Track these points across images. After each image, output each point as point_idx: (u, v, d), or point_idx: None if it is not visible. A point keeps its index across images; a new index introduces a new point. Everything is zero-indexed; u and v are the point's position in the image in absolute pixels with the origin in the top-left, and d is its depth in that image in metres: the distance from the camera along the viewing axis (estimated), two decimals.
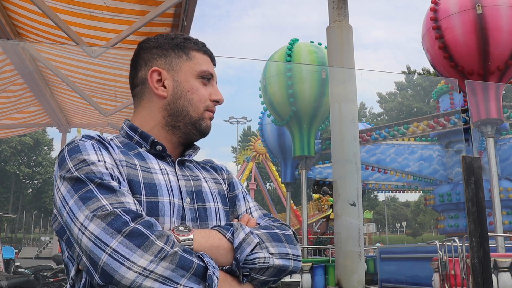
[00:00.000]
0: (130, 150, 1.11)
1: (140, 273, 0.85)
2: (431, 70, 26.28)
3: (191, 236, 0.96)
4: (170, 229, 1.01)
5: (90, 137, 1.07)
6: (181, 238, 0.95)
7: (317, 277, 9.22)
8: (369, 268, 9.96)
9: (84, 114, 6.87)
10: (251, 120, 38.11)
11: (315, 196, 20.81)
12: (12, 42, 4.49)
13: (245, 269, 0.98)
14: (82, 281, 0.99)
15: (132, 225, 0.89)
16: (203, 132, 1.19)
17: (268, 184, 40.97)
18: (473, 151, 9.30)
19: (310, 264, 9.38)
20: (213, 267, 0.92)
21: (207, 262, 0.91)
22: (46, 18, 3.77)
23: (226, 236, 1.00)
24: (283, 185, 20.35)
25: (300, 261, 1.10)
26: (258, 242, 1.00)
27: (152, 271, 0.85)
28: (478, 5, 7.40)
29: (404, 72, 41.32)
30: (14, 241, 42.48)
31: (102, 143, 1.07)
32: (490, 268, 2.86)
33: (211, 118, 1.19)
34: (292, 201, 19.85)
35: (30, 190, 51.30)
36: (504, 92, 8.23)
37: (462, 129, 10.87)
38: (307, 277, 9.14)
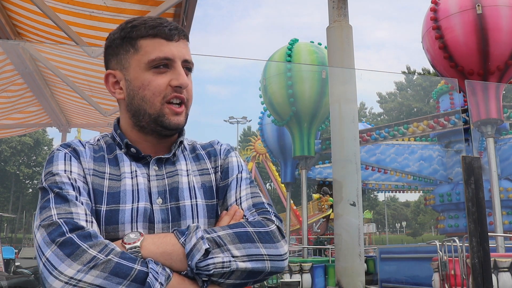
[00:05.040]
0: (110, 153, 1.12)
1: (66, 282, 0.85)
2: (431, 70, 26.29)
3: (137, 244, 0.93)
4: None
5: (67, 146, 1.09)
6: (127, 246, 0.93)
7: (317, 277, 9.23)
8: (369, 268, 9.97)
9: (84, 114, 6.86)
10: (251, 120, 38.10)
11: (315, 196, 20.81)
12: (12, 42, 4.49)
13: (202, 275, 0.94)
14: None
15: (68, 235, 0.90)
16: (169, 128, 1.08)
17: (268, 184, 40.97)
18: (473, 151, 9.30)
19: (310, 264, 9.39)
20: (157, 272, 0.89)
21: (150, 268, 0.89)
22: (46, 18, 3.77)
23: (180, 241, 0.96)
24: (283, 185, 20.35)
25: (283, 260, 1.02)
26: (207, 249, 0.94)
27: (80, 280, 0.85)
28: (478, 5, 7.40)
29: (404, 72, 41.34)
30: (14, 241, 42.44)
31: (75, 151, 1.08)
32: (490, 268, 2.86)
33: (175, 113, 1.07)
34: (292, 201, 19.84)
35: (30, 190, 51.28)
36: (504, 92, 8.23)
37: (462, 129, 10.86)
38: (307, 277, 9.15)
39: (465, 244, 5.37)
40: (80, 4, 3.66)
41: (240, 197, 1.12)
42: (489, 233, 2.99)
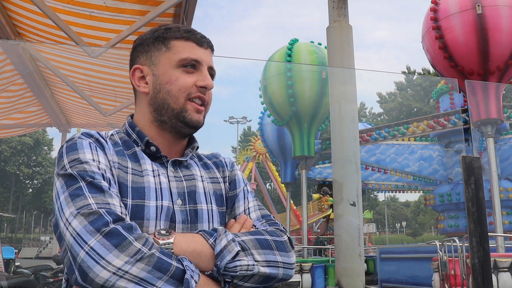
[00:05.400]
0: (128, 149, 1.12)
1: (114, 273, 0.86)
2: (431, 70, 26.29)
3: (171, 240, 0.96)
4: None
5: (89, 135, 1.09)
6: (160, 241, 0.95)
7: (317, 277, 9.22)
8: (369, 268, 9.96)
9: (84, 114, 6.87)
10: (251, 120, 38.13)
11: (315, 196, 20.82)
12: (12, 42, 4.49)
13: (227, 276, 0.97)
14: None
15: (112, 225, 0.90)
16: (190, 125, 1.13)
17: (268, 184, 40.97)
18: (473, 151, 9.30)
19: (310, 264, 9.38)
20: (192, 271, 0.92)
21: (186, 265, 0.92)
22: (46, 18, 3.77)
23: (209, 241, 0.99)
24: (283, 185, 20.35)
25: (292, 269, 1.09)
26: (239, 251, 0.99)
27: (126, 272, 0.86)
28: (478, 5, 7.39)
29: (404, 72, 41.34)
30: (14, 241, 42.44)
31: (99, 142, 1.08)
32: (490, 268, 2.86)
33: (197, 110, 1.13)
34: (292, 201, 19.84)
35: (30, 190, 51.29)
36: (504, 92, 8.23)
37: (462, 129, 10.86)
38: (307, 277, 9.14)
39: (465, 244, 5.36)
40: (80, 4, 3.66)
41: (248, 208, 1.20)
42: (489, 233, 2.99)
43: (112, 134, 1.15)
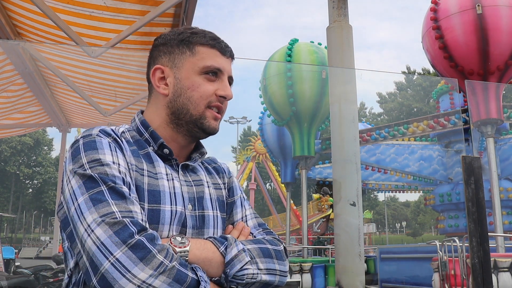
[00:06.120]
0: (140, 149, 1.12)
1: (139, 286, 0.87)
2: (431, 70, 26.29)
3: (187, 248, 0.98)
4: (167, 237, 1.02)
5: (107, 134, 1.07)
6: (177, 249, 0.96)
7: (317, 277, 9.22)
8: (369, 268, 9.96)
9: (84, 114, 6.87)
10: (251, 120, 38.17)
11: (315, 196, 20.82)
12: (12, 42, 4.49)
13: (233, 283, 1.02)
14: (80, 273, 1.01)
15: (137, 237, 0.90)
16: (207, 132, 1.15)
17: (268, 184, 40.98)
18: (473, 151, 9.29)
19: (310, 264, 9.38)
20: (205, 281, 0.95)
21: (200, 276, 0.94)
22: (46, 18, 3.78)
23: (220, 249, 1.02)
24: (283, 185, 20.35)
25: (286, 276, 1.13)
26: (248, 261, 1.03)
27: (150, 284, 0.88)
28: (478, 5, 7.39)
29: (404, 72, 41.35)
30: (14, 241, 42.46)
31: (117, 142, 1.07)
32: (490, 268, 2.86)
33: (215, 118, 1.14)
34: (292, 201, 19.84)
35: (30, 190, 51.31)
36: (504, 92, 8.23)
37: (462, 129, 10.86)
38: (307, 277, 9.14)
39: (465, 244, 5.37)
40: (80, 4, 3.66)
41: (246, 215, 1.25)
42: (489, 233, 2.99)
43: (123, 132, 1.13)
